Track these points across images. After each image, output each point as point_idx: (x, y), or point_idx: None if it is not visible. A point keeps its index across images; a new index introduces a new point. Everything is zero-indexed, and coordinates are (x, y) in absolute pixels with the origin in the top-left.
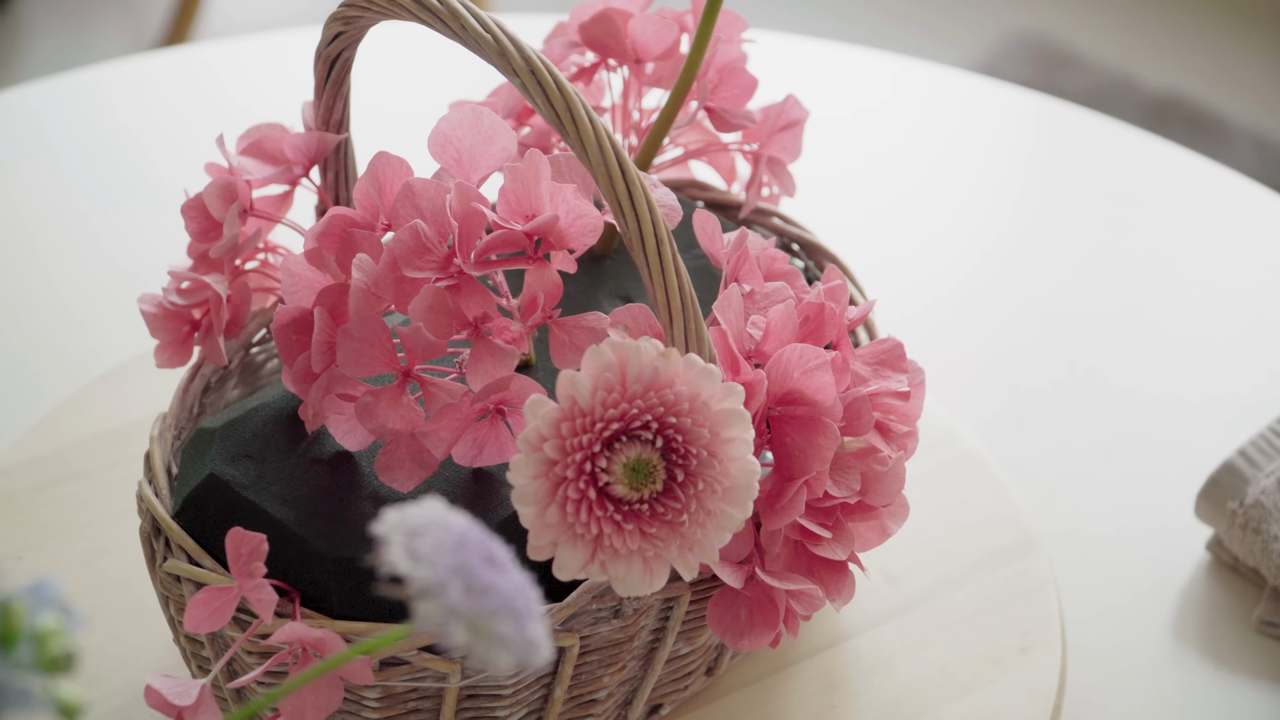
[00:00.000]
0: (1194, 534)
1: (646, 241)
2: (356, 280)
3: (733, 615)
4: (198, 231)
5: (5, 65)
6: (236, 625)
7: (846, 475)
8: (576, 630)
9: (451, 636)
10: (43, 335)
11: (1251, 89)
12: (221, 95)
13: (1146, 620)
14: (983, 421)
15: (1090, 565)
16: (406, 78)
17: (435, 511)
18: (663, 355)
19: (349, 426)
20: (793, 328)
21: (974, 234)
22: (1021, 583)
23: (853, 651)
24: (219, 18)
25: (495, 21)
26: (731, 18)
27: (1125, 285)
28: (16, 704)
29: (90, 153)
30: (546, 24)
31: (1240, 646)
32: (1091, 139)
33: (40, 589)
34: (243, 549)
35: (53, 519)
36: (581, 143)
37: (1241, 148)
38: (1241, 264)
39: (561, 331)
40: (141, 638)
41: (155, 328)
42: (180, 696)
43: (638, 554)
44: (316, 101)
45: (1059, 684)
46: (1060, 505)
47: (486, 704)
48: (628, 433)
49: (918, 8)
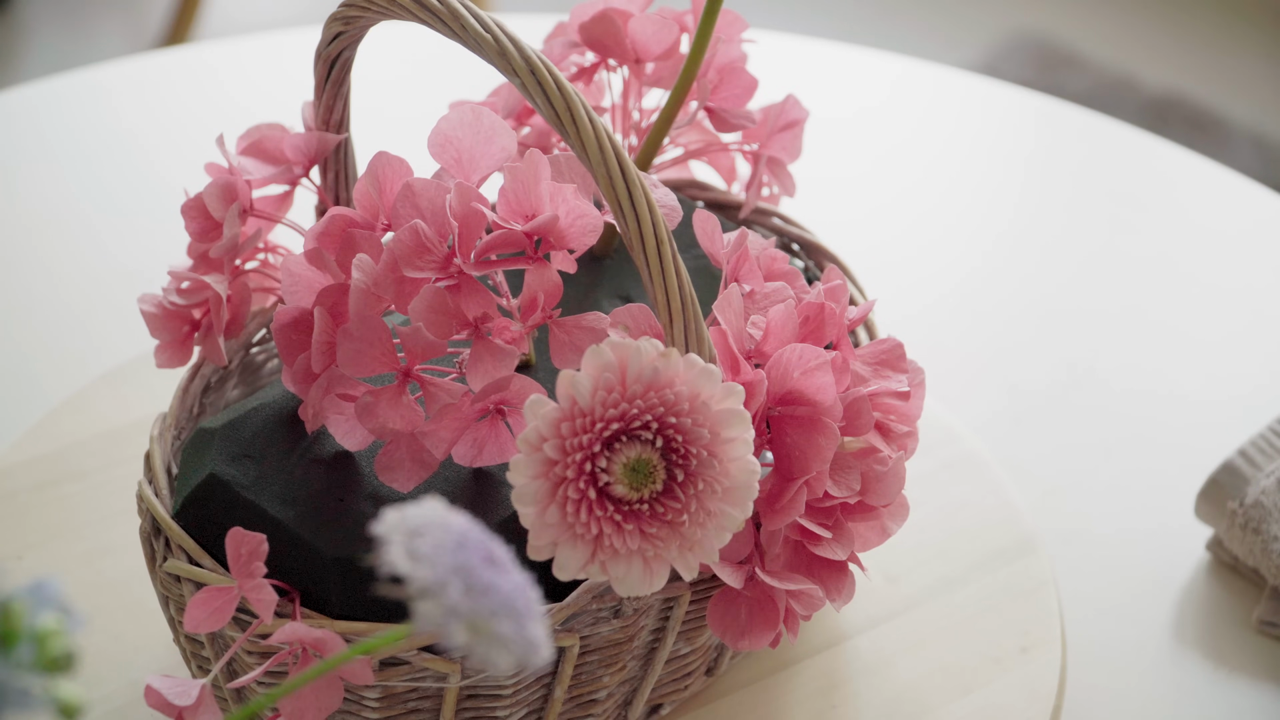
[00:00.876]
0: (1194, 534)
1: (646, 241)
2: (356, 280)
3: (733, 615)
4: (198, 231)
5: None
6: (236, 625)
7: (846, 475)
8: (576, 630)
9: (451, 636)
10: (43, 335)
11: (1251, 89)
12: (222, 95)
13: (1146, 620)
14: (983, 421)
15: (1090, 565)
16: (407, 78)
17: (435, 511)
18: (663, 355)
19: (349, 426)
20: (793, 328)
21: (974, 234)
22: (1021, 583)
23: (853, 651)
24: (219, 18)
25: (495, 21)
26: (731, 18)
27: (1125, 285)
28: (16, 704)
29: (90, 153)
30: (546, 24)
31: (1240, 646)
32: (1091, 139)
33: (40, 589)
34: (243, 549)
35: (53, 519)
36: (581, 143)
37: (1241, 148)
38: (1242, 264)
39: (561, 331)
40: (141, 638)
41: (155, 328)
42: (180, 696)
43: (638, 554)
44: (316, 101)
45: (1059, 684)
46: (1060, 505)
47: (486, 704)
48: (628, 433)
49: (918, 8)
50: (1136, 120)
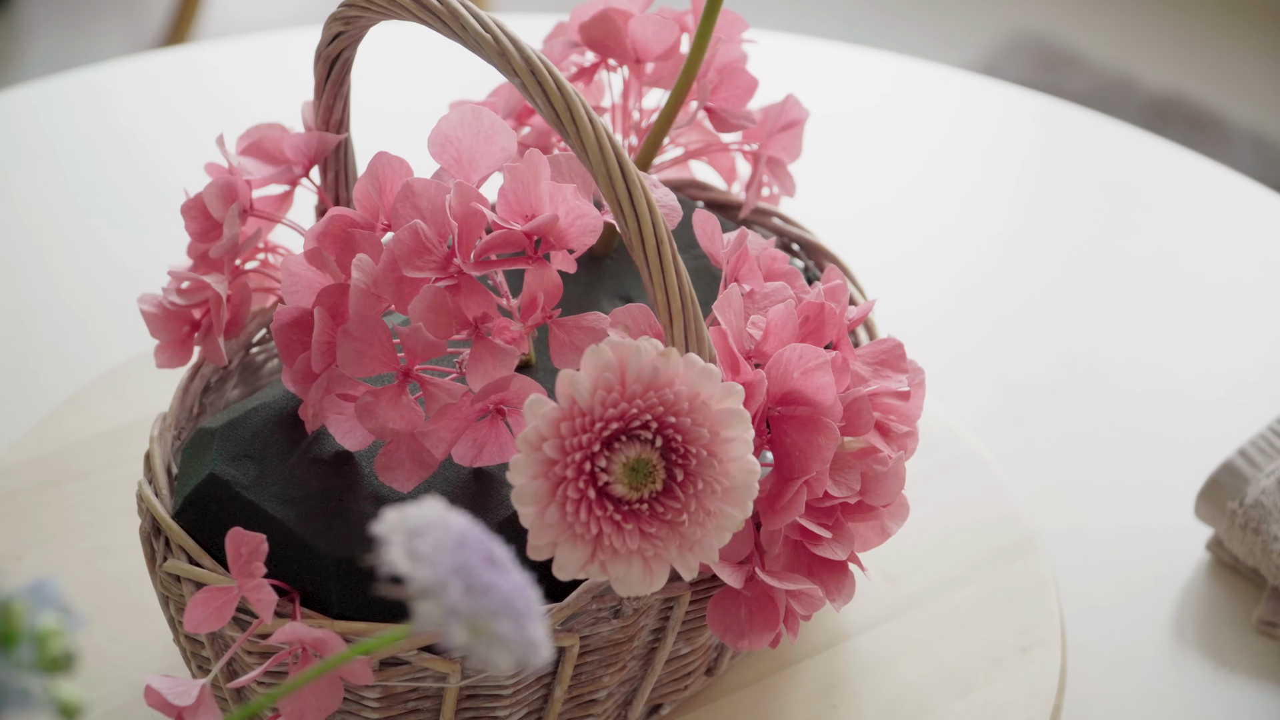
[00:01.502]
0: (1194, 534)
1: (646, 242)
2: (356, 280)
3: (733, 615)
4: (198, 231)
5: (5, 65)
6: (236, 625)
7: (846, 475)
8: (576, 630)
9: (451, 636)
10: (43, 335)
11: (1251, 89)
12: (222, 95)
13: (1146, 620)
14: (982, 419)
15: (1090, 565)
16: (408, 77)
17: (435, 511)
18: (662, 355)
19: (349, 426)
20: (793, 328)
21: (973, 233)
22: (1021, 583)
23: (853, 651)
24: (219, 17)
25: (495, 21)
26: (732, 18)
27: (1125, 284)
28: (16, 704)
29: (90, 153)
30: (546, 24)
31: (1240, 646)
32: (1091, 139)
33: (40, 589)
34: (242, 549)
35: (53, 519)
36: (581, 143)
37: (1241, 148)
38: (1242, 263)
39: (561, 331)
40: (141, 637)
41: (155, 328)
42: (180, 696)
43: (637, 554)
44: (316, 101)
45: (1059, 684)
46: (1060, 504)
47: (486, 704)
48: (627, 432)
49: (918, 8)
50: (1136, 120)
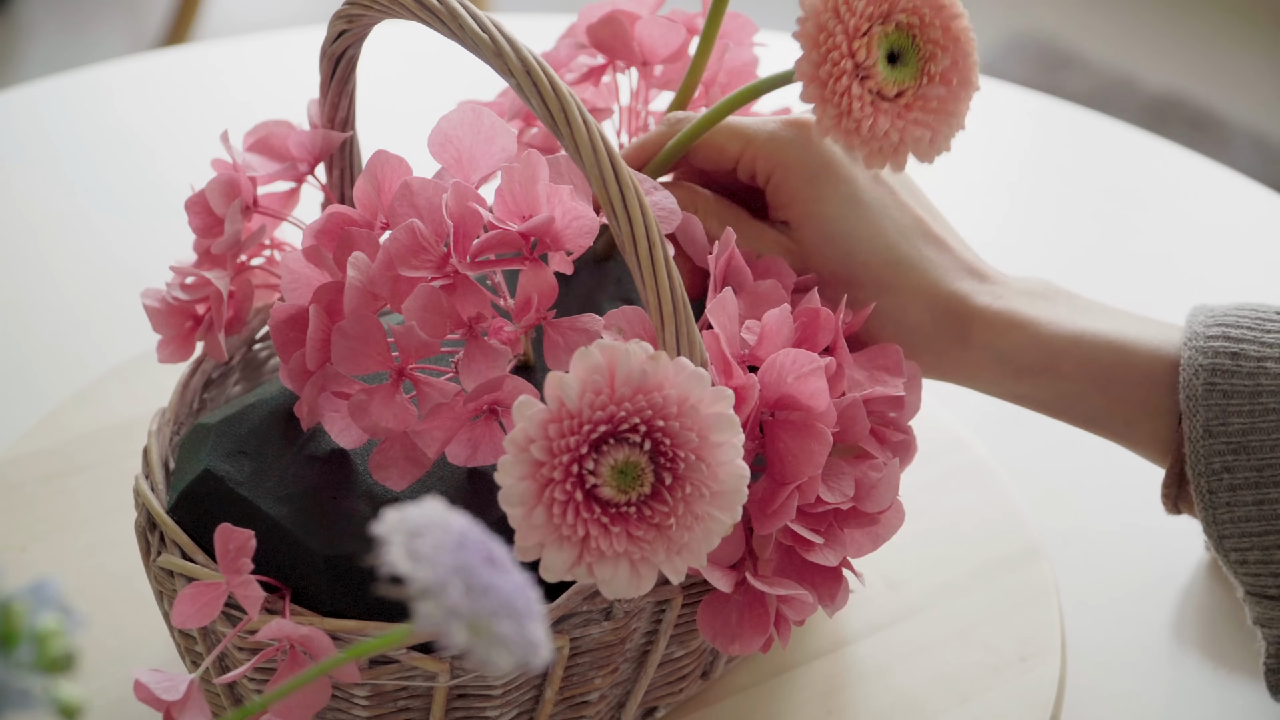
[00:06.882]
0: (1194, 534)
1: (639, 244)
2: (352, 278)
3: (723, 619)
4: (201, 227)
5: (5, 65)
6: (227, 621)
7: (840, 481)
8: (567, 632)
9: (452, 637)
10: (44, 334)
11: (1251, 89)
12: (222, 95)
13: (1146, 620)
14: (981, 419)
15: (1090, 565)
16: (417, 75)
17: (435, 511)
18: (651, 358)
19: (345, 424)
20: (787, 332)
21: (972, 233)
22: (1023, 591)
23: (852, 657)
24: (220, 17)
25: (493, 22)
26: (742, 21)
27: (1125, 284)
28: (16, 704)
29: (92, 152)
30: (546, 24)
31: (1240, 646)
32: (1091, 139)
33: (40, 589)
34: (231, 545)
35: (56, 512)
36: (575, 144)
37: (1241, 148)
38: (1242, 263)
39: (556, 333)
40: (142, 631)
41: (158, 322)
42: (168, 691)
43: (624, 556)
44: (322, 99)
45: (1057, 695)
46: (1060, 505)
47: (477, 704)
48: (615, 435)
49: None
50: (1136, 120)
